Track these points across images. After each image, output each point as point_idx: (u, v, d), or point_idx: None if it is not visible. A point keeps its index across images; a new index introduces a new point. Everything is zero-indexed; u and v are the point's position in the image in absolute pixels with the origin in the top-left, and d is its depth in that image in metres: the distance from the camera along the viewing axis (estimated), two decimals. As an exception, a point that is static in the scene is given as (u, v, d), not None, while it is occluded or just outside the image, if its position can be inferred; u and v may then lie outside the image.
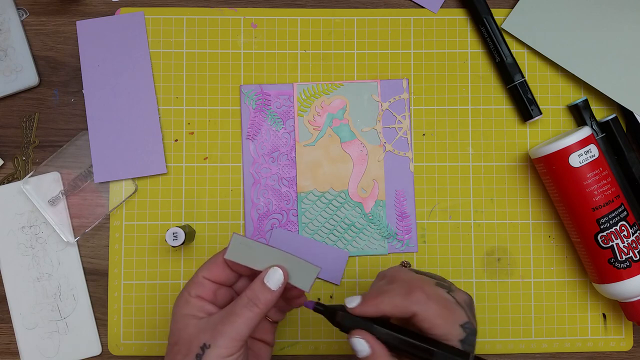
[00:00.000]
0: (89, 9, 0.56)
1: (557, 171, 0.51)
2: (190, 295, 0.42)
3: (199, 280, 0.42)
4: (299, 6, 0.56)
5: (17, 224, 0.54)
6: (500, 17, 0.56)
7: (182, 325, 0.41)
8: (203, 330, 0.40)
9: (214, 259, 0.43)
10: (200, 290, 0.42)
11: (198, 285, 0.42)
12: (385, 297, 0.39)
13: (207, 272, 0.43)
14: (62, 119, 0.55)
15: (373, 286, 0.43)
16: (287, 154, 0.55)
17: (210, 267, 0.43)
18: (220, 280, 0.43)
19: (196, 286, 0.42)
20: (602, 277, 0.51)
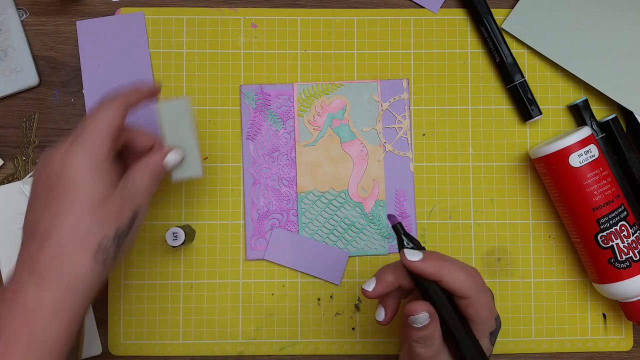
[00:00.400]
0: (89, 9, 0.56)
1: (557, 171, 0.51)
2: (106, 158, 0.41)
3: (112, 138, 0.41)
4: (299, 6, 0.56)
5: (17, 224, 0.54)
6: (500, 17, 0.56)
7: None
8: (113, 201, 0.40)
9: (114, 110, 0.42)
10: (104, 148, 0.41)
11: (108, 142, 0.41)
12: (449, 265, 0.39)
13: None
14: (62, 119, 0.55)
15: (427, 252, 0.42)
16: (287, 154, 0.55)
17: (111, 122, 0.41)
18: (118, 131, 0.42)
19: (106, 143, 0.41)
20: (602, 277, 0.51)
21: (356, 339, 0.54)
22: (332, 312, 0.54)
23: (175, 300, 0.54)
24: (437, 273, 0.39)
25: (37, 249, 0.38)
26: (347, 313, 0.54)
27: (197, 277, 0.54)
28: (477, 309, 0.39)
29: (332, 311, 0.54)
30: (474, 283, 0.39)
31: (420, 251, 0.40)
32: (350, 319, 0.54)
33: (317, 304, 0.54)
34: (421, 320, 0.38)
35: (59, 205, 0.39)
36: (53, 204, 0.39)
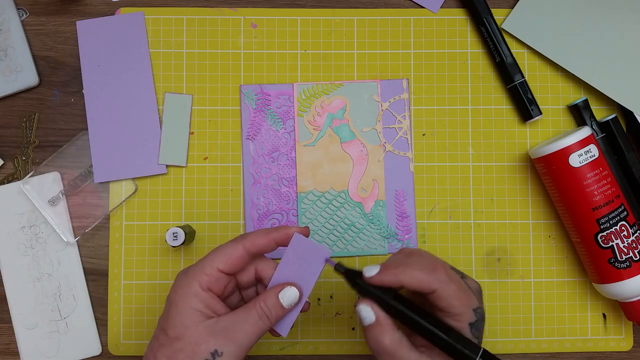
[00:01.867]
0: (89, 9, 0.56)
1: (557, 171, 0.51)
2: (201, 288, 0.40)
3: (213, 272, 0.40)
4: (299, 6, 0.56)
5: (17, 224, 0.54)
6: (500, 17, 0.56)
7: (189, 321, 0.39)
8: (213, 334, 0.38)
9: (232, 249, 0.41)
10: (211, 282, 0.40)
11: (210, 277, 0.40)
12: (406, 269, 0.39)
13: (223, 264, 0.40)
14: (62, 119, 0.55)
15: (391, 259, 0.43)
16: (287, 154, 0.55)
17: (227, 259, 0.40)
18: (234, 271, 0.41)
19: (208, 278, 0.40)
20: (602, 277, 0.51)
21: (356, 339, 0.54)
22: (332, 312, 0.54)
23: (175, 300, 0.53)
24: (395, 279, 0.39)
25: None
26: (347, 313, 0.54)
27: (197, 277, 0.54)
28: (447, 300, 0.39)
29: (332, 311, 0.54)
30: (435, 276, 0.39)
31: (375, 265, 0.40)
32: (350, 319, 0.54)
33: (317, 304, 0.54)
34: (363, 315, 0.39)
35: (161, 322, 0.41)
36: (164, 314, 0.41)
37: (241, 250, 0.41)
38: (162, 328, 0.40)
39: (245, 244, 0.41)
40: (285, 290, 0.41)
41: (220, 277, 0.40)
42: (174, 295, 0.40)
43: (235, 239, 0.42)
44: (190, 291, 0.40)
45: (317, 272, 0.41)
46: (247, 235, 0.42)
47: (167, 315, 0.40)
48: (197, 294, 0.40)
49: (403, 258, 0.41)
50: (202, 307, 0.39)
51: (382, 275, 0.39)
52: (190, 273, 0.40)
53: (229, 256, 0.41)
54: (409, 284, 0.39)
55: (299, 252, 0.41)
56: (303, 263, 0.41)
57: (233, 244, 0.41)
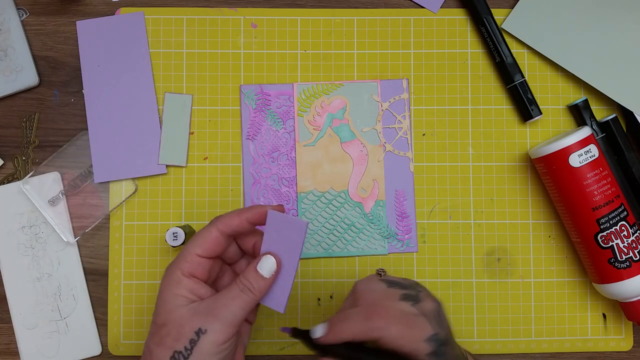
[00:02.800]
0: (89, 9, 0.56)
1: (557, 171, 0.51)
2: (182, 274, 0.40)
3: (192, 258, 0.41)
4: (299, 6, 0.56)
5: (17, 224, 0.54)
6: (500, 17, 0.56)
7: (172, 306, 0.39)
8: (197, 314, 0.39)
9: (207, 233, 0.41)
10: (193, 268, 0.41)
11: (191, 263, 0.41)
12: (344, 325, 0.39)
13: (200, 248, 0.41)
14: (62, 119, 0.55)
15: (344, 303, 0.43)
16: (287, 154, 0.55)
17: (203, 242, 0.41)
18: (213, 254, 0.42)
19: (189, 264, 0.41)
20: (602, 277, 0.51)
21: (356, 339, 0.54)
22: (332, 312, 0.54)
23: (175, 300, 0.54)
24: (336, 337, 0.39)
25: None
26: (347, 313, 0.54)
27: (197, 277, 0.54)
28: (393, 343, 0.38)
29: (332, 311, 0.54)
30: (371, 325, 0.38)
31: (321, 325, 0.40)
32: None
33: (317, 304, 0.54)
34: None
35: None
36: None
37: (215, 233, 0.41)
38: (154, 322, 0.40)
39: (218, 226, 0.41)
40: (262, 260, 0.41)
41: (201, 262, 0.41)
42: (161, 287, 0.41)
43: (210, 222, 0.42)
44: (172, 279, 0.40)
45: (299, 243, 0.41)
46: (221, 217, 0.42)
47: (156, 305, 0.41)
48: (180, 280, 0.40)
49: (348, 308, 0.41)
50: (185, 292, 0.40)
51: (327, 336, 0.40)
52: (173, 263, 0.41)
53: (204, 240, 0.41)
54: (352, 338, 0.39)
55: (278, 229, 0.41)
56: (284, 238, 0.41)
57: (207, 228, 0.42)
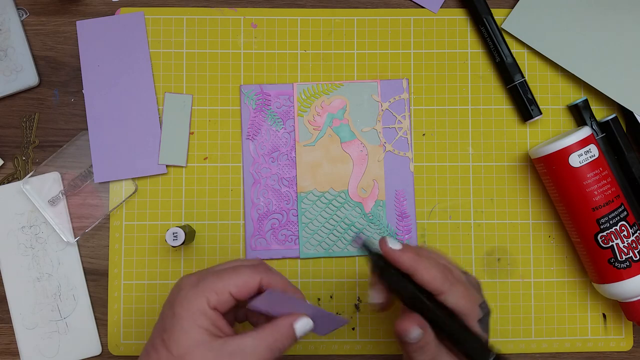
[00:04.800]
0: (89, 9, 0.56)
1: (557, 171, 0.51)
2: (208, 306, 0.37)
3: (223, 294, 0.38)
4: (299, 6, 0.56)
5: (17, 224, 0.54)
6: (500, 17, 0.56)
7: (194, 340, 0.37)
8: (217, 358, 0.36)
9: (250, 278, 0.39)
10: (220, 303, 0.38)
11: (220, 297, 0.38)
12: (425, 261, 0.39)
13: (237, 290, 0.38)
14: (62, 119, 0.55)
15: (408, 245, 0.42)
16: (287, 154, 0.55)
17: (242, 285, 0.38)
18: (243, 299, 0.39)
19: (218, 298, 0.38)
20: (602, 277, 0.51)
21: (356, 339, 0.54)
22: (332, 312, 0.54)
23: (175, 300, 0.53)
24: (413, 265, 0.39)
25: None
26: (347, 313, 0.54)
27: (197, 277, 0.54)
28: (455, 300, 0.39)
29: (332, 311, 0.54)
30: (446, 277, 0.39)
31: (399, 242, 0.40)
32: (350, 319, 0.54)
33: (317, 304, 0.54)
34: (415, 336, 0.39)
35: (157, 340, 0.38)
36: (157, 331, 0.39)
37: (257, 283, 0.39)
38: (163, 342, 0.37)
39: (263, 279, 0.39)
40: (300, 321, 0.39)
41: (229, 300, 0.38)
42: (179, 309, 0.38)
43: (254, 266, 0.40)
44: (197, 307, 0.37)
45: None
46: (267, 270, 0.40)
47: (171, 329, 0.37)
48: (205, 312, 0.37)
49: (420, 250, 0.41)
50: (208, 325, 0.37)
51: (403, 255, 0.39)
52: (200, 288, 0.38)
53: (245, 284, 0.39)
54: (423, 276, 0.39)
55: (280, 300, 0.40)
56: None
57: (252, 273, 0.39)
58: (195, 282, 0.39)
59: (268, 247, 0.54)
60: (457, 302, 0.39)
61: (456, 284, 0.40)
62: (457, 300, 0.39)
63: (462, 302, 0.39)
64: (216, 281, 0.38)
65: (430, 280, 0.39)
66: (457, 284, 0.40)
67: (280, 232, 0.54)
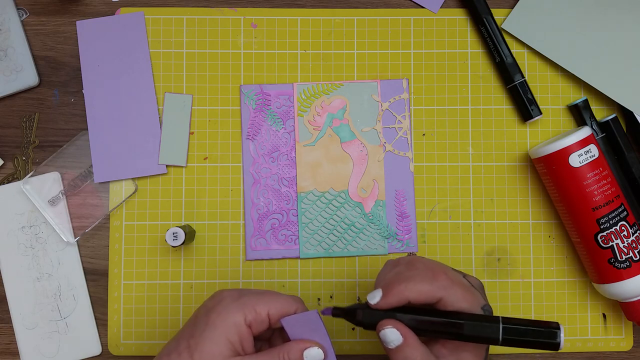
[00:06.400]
0: (89, 9, 0.56)
1: (557, 171, 0.51)
2: (244, 322, 0.38)
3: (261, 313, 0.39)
4: (299, 6, 0.56)
5: (17, 224, 0.54)
6: (500, 17, 0.56)
7: (218, 351, 0.37)
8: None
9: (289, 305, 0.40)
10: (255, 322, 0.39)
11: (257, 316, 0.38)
12: (409, 284, 0.39)
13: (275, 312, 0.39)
14: (62, 119, 0.55)
15: (386, 274, 0.42)
16: (287, 154, 0.55)
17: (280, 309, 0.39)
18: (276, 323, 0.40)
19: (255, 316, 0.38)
20: (602, 277, 0.51)
21: (356, 339, 0.54)
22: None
23: (175, 300, 0.54)
24: (402, 297, 0.38)
25: None
26: (347, 313, 0.54)
27: (197, 277, 0.54)
28: (454, 305, 0.39)
29: (332, 311, 0.54)
30: (438, 284, 0.39)
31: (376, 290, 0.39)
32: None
33: (317, 304, 0.54)
34: (390, 338, 0.38)
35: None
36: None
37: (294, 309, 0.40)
38: (189, 347, 0.38)
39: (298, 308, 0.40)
40: (311, 349, 0.39)
41: (264, 321, 0.39)
42: (215, 317, 0.38)
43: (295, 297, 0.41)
44: (233, 320, 0.38)
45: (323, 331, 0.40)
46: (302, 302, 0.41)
47: (200, 335, 0.38)
48: (239, 325, 0.38)
49: (403, 270, 0.41)
50: (236, 340, 0.38)
51: (388, 298, 0.39)
52: (242, 302, 0.39)
53: (283, 308, 0.39)
54: (415, 298, 0.38)
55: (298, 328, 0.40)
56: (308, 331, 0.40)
57: (292, 301, 0.40)
58: (237, 297, 0.39)
59: (268, 247, 0.54)
60: (456, 305, 0.39)
61: (453, 286, 0.39)
62: (455, 304, 0.39)
63: (463, 305, 0.39)
64: (257, 299, 0.39)
65: (421, 297, 0.38)
66: (454, 286, 0.39)
67: (280, 232, 0.54)
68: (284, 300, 0.40)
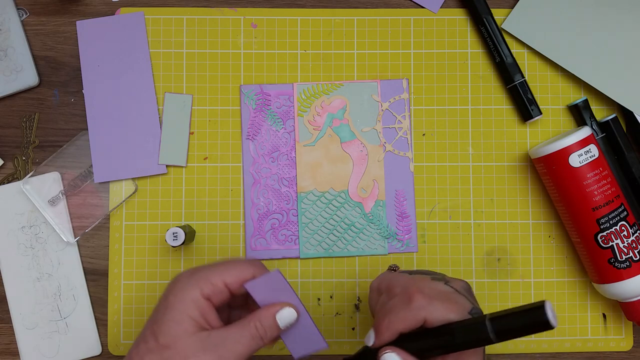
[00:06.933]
0: (89, 9, 0.56)
1: (557, 171, 0.51)
2: (202, 296, 0.38)
3: (218, 284, 0.38)
4: (299, 6, 0.56)
5: (17, 224, 0.54)
6: (500, 17, 0.56)
7: (181, 330, 0.37)
8: (203, 349, 0.36)
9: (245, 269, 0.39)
10: (214, 293, 0.38)
11: (214, 288, 0.38)
12: (392, 317, 0.38)
13: (232, 279, 0.38)
14: (62, 119, 0.55)
15: (374, 305, 0.42)
16: (287, 154, 0.55)
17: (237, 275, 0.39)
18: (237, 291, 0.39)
19: (212, 288, 0.38)
20: (602, 277, 0.51)
21: (356, 339, 0.54)
22: (332, 312, 0.54)
23: (175, 300, 0.53)
24: (394, 332, 0.38)
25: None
26: (347, 313, 0.54)
27: (197, 277, 0.54)
28: (440, 319, 0.37)
29: (332, 311, 0.54)
30: (415, 307, 0.38)
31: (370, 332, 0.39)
32: (350, 319, 0.54)
33: (317, 304, 0.54)
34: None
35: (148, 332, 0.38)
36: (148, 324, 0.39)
37: (251, 276, 0.39)
38: (153, 332, 0.38)
39: (256, 272, 0.39)
40: (283, 311, 0.39)
41: (223, 291, 0.39)
42: (172, 298, 0.38)
43: (251, 260, 0.40)
44: (189, 296, 0.38)
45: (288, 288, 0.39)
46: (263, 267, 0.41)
47: (162, 318, 0.38)
48: (197, 300, 0.38)
49: (385, 300, 0.40)
50: (197, 315, 0.37)
51: (380, 337, 0.38)
52: (195, 278, 0.38)
53: (240, 274, 0.39)
54: (405, 328, 0.38)
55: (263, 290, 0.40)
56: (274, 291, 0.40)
57: (247, 265, 0.39)
58: (191, 274, 0.39)
59: (268, 247, 0.54)
60: (444, 317, 0.37)
61: (432, 302, 0.38)
62: (442, 317, 0.37)
63: (450, 316, 0.37)
64: (211, 272, 0.39)
65: (406, 326, 0.38)
66: (432, 302, 0.38)
67: (280, 232, 0.54)
68: (240, 267, 0.39)
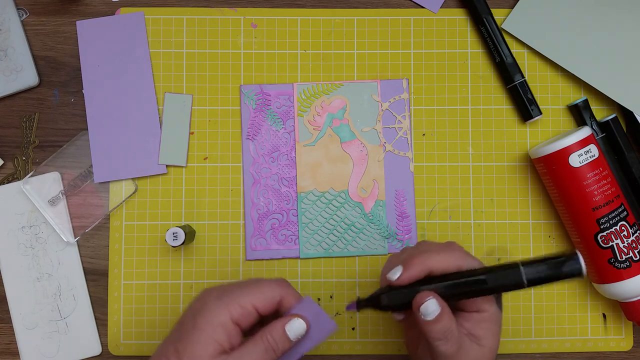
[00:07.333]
0: (89, 9, 0.56)
1: (557, 171, 0.51)
2: (231, 320, 0.38)
3: (247, 307, 0.38)
4: (299, 6, 0.56)
5: (17, 224, 0.54)
6: (500, 17, 0.56)
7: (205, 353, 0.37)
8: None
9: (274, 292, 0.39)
10: (242, 317, 0.38)
11: (243, 311, 0.38)
12: (430, 255, 0.40)
13: (261, 303, 0.39)
14: (62, 119, 0.55)
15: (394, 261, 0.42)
16: (287, 154, 0.55)
17: (265, 299, 0.39)
18: (267, 314, 0.40)
19: (241, 311, 0.38)
20: (602, 277, 0.51)
21: (356, 339, 0.54)
22: (332, 312, 0.54)
23: (175, 300, 0.54)
24: (424, 268, 0.39)
25: None
26: (347, 313, 0.54)
27: (197, 277, 0.54)
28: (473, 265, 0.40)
29: (332, 311, 0.54)
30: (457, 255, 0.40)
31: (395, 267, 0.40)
32: (350, 319, 0.54)
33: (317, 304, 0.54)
34: (431, 309, 0.38)
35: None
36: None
37: (279, 295, 0.40)
38: (176, 350, 0.38)
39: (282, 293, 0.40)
40: (292, 322, 0.39)
41: (252, 314, 0.39)
42: (200, 320, 0.38)
43: (278, 281, 0.41)
44: (218, 320, 0.38)
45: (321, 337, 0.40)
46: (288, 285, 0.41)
47: (188, 339, 0.38)
48: (225, 325, 0.38)
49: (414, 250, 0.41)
50: (224, 340, 0.38)
51: (410, 271, 0.39)
52: (225, 300, 0.39)
53: (269, 299, 0.39)
54: (436, 267, 0.39)
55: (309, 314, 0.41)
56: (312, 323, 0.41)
57: (277, 287, 0.40)
58: (219, 296, 0.39)
59: (268, 247, 0.54)
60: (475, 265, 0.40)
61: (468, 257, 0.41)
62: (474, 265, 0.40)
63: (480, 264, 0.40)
64: (241, 294, 0.39)
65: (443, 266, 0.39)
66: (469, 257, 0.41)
67: (280, 232, 0.54)
68: (267, 288, 0.40)
